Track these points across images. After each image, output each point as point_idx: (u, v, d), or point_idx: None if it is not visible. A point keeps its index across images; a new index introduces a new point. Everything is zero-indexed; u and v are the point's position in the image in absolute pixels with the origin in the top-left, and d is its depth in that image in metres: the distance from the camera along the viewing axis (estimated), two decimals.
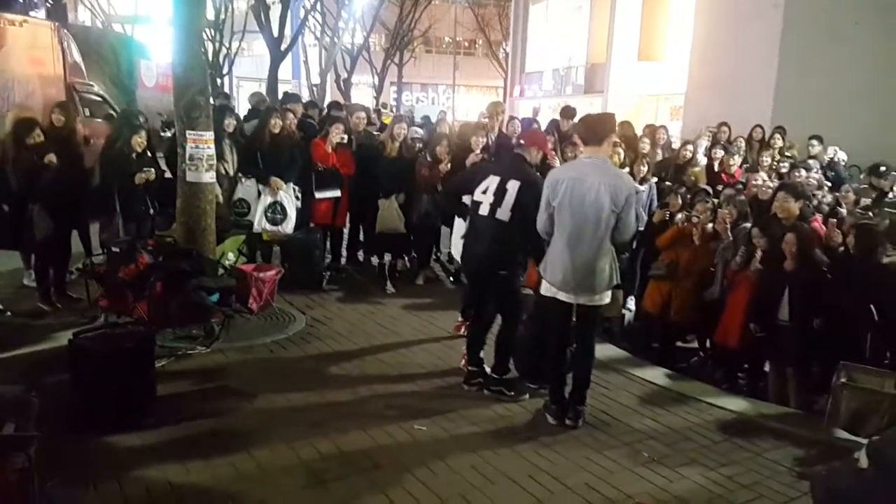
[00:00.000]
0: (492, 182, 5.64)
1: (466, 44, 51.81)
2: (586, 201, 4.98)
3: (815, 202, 7.78)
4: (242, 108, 13.91)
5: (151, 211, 7.72)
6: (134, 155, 7.45)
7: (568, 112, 10.38)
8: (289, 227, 8.54)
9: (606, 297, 5.25)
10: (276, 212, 8.45)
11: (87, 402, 4.89)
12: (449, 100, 48.25)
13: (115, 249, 6.69)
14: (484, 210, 5.64)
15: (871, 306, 5.96)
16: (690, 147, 9.88)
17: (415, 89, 52.64)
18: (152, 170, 7.48)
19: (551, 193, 5.12)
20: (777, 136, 10.84)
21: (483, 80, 49.99)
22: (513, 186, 5.54)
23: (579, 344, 5.38)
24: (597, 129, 5.19)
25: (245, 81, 41.42)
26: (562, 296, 5.17)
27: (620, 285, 5.65)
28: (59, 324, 6.73)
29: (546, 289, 5.28)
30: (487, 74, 47.99)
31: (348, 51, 34.35)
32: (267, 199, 8.41)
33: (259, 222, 8.42)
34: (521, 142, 5.95)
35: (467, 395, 5.77)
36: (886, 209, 7.50)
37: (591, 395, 5.71)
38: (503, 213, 5.55)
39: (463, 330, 6.86)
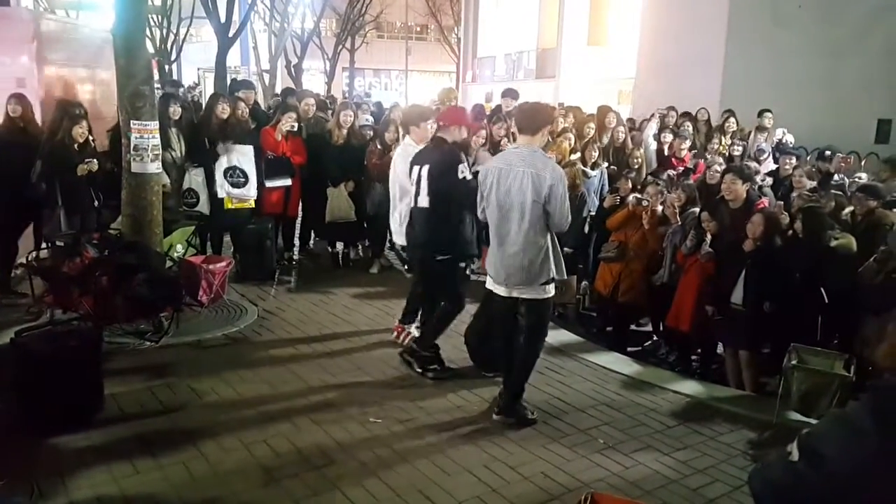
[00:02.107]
0: (415, 171, 5.67)
1: (418, 29, 51.56)
2: (511, 192, 4.86)
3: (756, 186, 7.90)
4: None
5: (96, 203, 7.54)
6: (76, 146, 7.26)
7: (511, 93, 10.30)
8: (251, 190, 8.38)
9: (543, 292, 5.00)
10: (236, 175, 8.26)
11: (31, 403, 4.74)
12: (402, 85, 48.01)
13: (59, 244, 6.53)
14: (412, 199, 5.68)
15: (821, 288, 6.05)
16: (622, 129, 9.87)
17: (367, 75, 52.26)
18: (94, 160, 7.30)
19: (482, 186, 5.08)
20: (732, 120, 10.93)
21: (436, 66, 49.80)
22: (425, 172, 5.52)
23: (523, 335, 5.17)
24: (534, 118, 5.01)
25: (211, 73, 40.64)
26: (498, 289, 5.12)
27: (553, 280, 5.23)
28: (3, 321, 6.52)
29: (488, 281, 5.27)
30: (440, 60, 47.81)
31: (298, 36, 33.90)
32: (223, 164, 8.22)
33: (221, 186, 8.23)
34: (441, 123, 5.81)
35: (422, 385, 5.73)
36: (832, 191, 7.61)
37: (546, 382, 5.76)
38: (423, 200, 5.55)
39: (402, 337, 6.60)
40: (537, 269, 4.90)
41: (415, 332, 6.54)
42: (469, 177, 5.52)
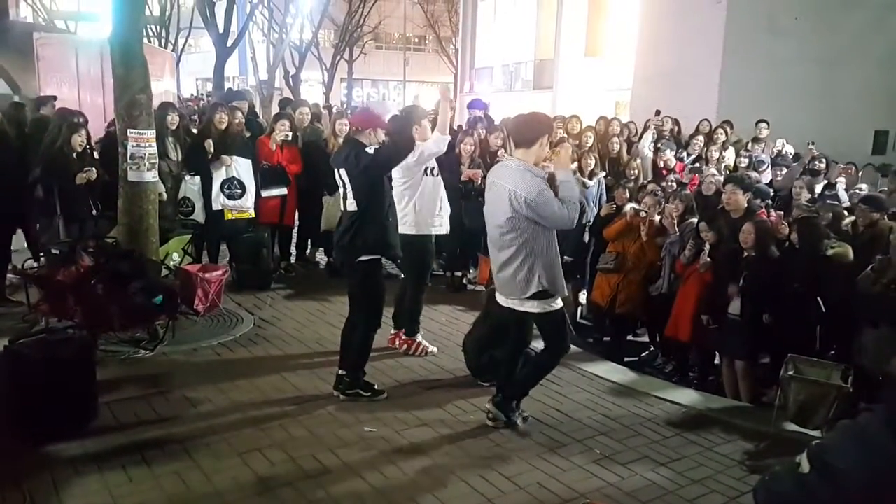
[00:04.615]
0: (337, 174, 5.53)
1: (416, 40, 51.72)
2: (493, 205, 4.86)
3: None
4: None
5: (94, 212, 7.53)
6: (74, 154, 7.26)
7: (477, 104, 10.46)
8: (249, 201, 8.36)
9: (530, 306, 4.84)
10: (233, 186, 8.25)
11: (24, 411, 4.71)
12: (400, 96, 48.10)
13: (54, 252, 6.51)
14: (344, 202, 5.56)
15: (818, 299, 6.04)
16: (617, 140, 9.91)
17: (365, 85, 52.40)
18: (93, 169, 7.29)
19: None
20: (720, 130, 10.93)
21: (433, 76, 49.73)
22: (345, 175, 5.42)
23: (544, 345, 5.10)
24: (527, 130, 4.82)
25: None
26: (499, 297, 5.05)
27: (546, 292, 4.86)
28: None
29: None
30: (438, 70, 47.89)
31: (296, 47, 34.00)
32: (221, 176, 8.21)
33: (216, 199, 8.21)
34: (355, 127, 5.63)
35: (418, 394, 5.71)
36: (829, 202, 7.62)
37: (542, 391, 5.71)
38: (350, 203, 5.43)
39: (397, 343, 6.59)
40: (521, 281, 4.77)
41: (424, 342, 6.56)
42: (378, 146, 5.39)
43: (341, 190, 5.53)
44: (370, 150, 5.36)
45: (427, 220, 6.41)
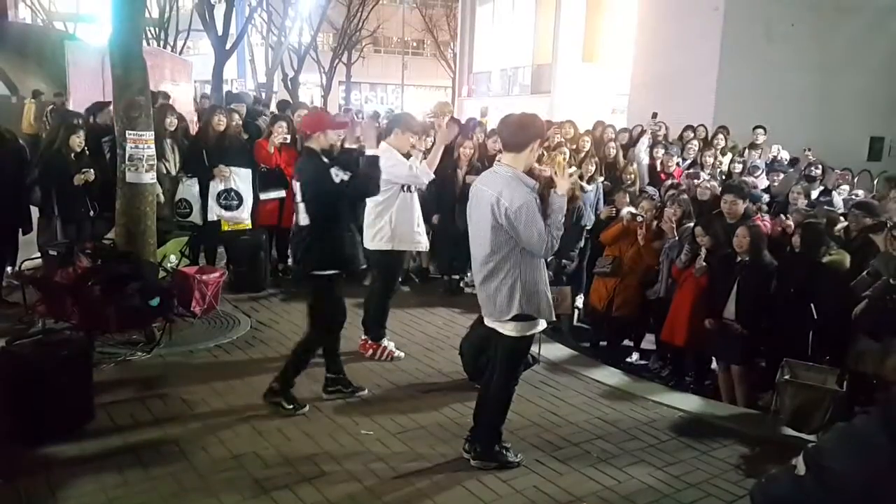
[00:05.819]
0: (295, 186, 5.39)
1: (415, 44, 51.79)
2: (476, 215, 4.45)
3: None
4: None
5: (92, 213, 7.53)
6: (72, 155, 7.27)
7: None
8: (245, 213, 8.35)
9: (510, 329, 4.41)
10: (229, 198, 8.23)
11: (20, 412, 4.70)
12: (398, 99, 48.16)
13: (52, 253, 6.51)
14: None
15: (811, 304, 6.05)
16: (613, 145, 9.92)
17: (363, 89, 52.43)
18: (91, 170, 7.30)
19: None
20: (720, 135, 10.95)
21: (431, 80, 49.98)
22: (298, 187, 5.30)
23: (494, 371, 4.68)
24: (519, 133, 4.38)
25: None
26: (485, 319, 4.68)
27: (527, 317, 4.44)
28: None
29: None
30: (436, 74, 48.00)
31: (295, 50, 34.03)
32: (218, 187, 8.19)
33: (212, 210, 8.20)
34: (305, 132, 5.48)
35: (414, 398, 5.71)
36: (825, 208, 7.64)
37: (539, 395, 5.75)
38: (303, 217, 5.28)
39: (370, 352, 6.52)
40: (501, 300, 4.35)
41: (391, 346, 6.55)
42: (346, 178, 5.10)
43: (298, 203, 5.33)
44: (335, 173, 5.08)
45: (406, 236, 6.32)
